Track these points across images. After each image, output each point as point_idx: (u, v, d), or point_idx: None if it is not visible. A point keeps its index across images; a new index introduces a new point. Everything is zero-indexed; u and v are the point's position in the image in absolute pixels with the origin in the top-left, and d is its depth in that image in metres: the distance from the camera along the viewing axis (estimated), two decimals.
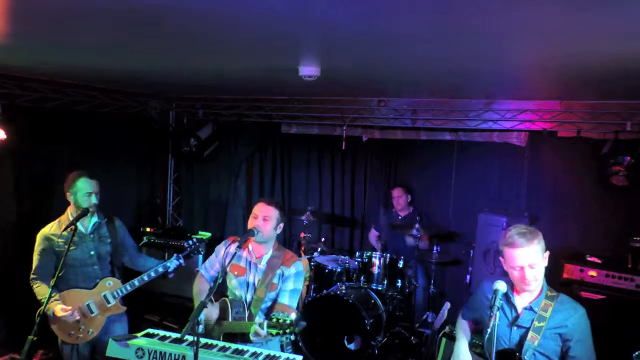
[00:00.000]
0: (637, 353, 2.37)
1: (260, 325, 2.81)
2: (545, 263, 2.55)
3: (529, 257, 2.49)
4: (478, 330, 2.95)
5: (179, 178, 7.00)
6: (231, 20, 2.31)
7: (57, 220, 3.63)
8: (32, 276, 3.57)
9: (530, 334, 2.54)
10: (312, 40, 2.77)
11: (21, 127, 4.56)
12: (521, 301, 2.64)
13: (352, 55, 3.10)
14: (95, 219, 3.69)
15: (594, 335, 2.61)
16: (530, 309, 2.59)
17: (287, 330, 2.74)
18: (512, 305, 2.64)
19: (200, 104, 6.35)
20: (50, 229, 3.58)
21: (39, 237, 3.58)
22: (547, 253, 2.56)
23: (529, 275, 2.50)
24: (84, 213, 3.49)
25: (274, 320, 2.77)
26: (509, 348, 2.60)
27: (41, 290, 3.50)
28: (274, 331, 2.76)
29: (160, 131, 6.60)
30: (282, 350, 3.17)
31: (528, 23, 2.15)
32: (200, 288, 3.32)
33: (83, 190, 3.54)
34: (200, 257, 5.40)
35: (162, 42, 2.89)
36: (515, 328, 2.61)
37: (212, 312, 3.15)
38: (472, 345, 2.96)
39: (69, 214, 3.61)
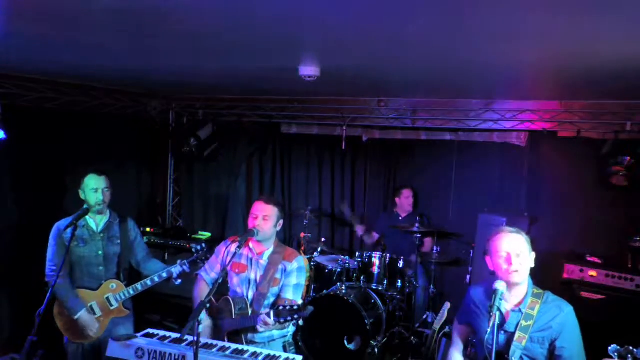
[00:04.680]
0: (612, 347, 2.33)
1: (267, 314, 2.81)
2: (532, 264, 2.54)
3: (516, 244, 2.51)
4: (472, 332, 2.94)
5: (179, 178, 6.99)
6: (231, 20, 2.31)
7: (72, 216, 3.62)
8: (51, 267, 3.54)
9: (517, 334, 2.50)
10: (312, 41, 2.77)
11: (21, 127, 4.56)
12: (507, 305, 2.59)
13: (352, 55, 3.10)
14: (107, 218, 3.69)
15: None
16: (519, 310, 2.55)
17: (295, 316, 2.74)
18: (499, 310, 2.55)
19: (200, 104, 6.35)
20: (65, 223, 3.55)
21: (54, 228, 3.59)
22: (534, 255, 2.55)
23: (515, 261, 2.48)
24: (84, 212, 3.49)
25: (281, 308, 2.78)
26: (497, 351, 2.54)
27: (61, 288, 3.43)
28: (281, 319, 2.76)
29: (160, 131, 6.60)
30: (285, 351, 3.17)
31: (528, 24, 2.15)
32: (201, 291, 3.31)
33: (89, 186, 3.58)
34: None
35: (162, 42, 2.89)
36: (502, 332, 2.56)
37: (207, 329, 3.15)
38: (468, 345, 2.95)
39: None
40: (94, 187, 3.57)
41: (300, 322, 2.80)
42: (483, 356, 2.62)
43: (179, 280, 3.63)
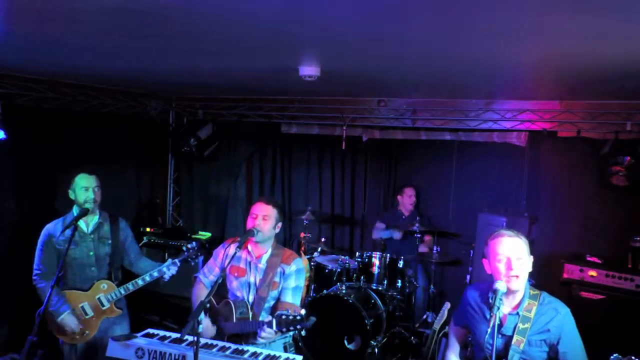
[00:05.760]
0: (614, 356, 2.31)
1: (269, 323, 2.81)
2: (530, 268, 2.50)
3: (515, 247, 2.46)
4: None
5: (179, 178, 7.00)
6: (231, 20, 2.31)
7: (61, 218, 3.65)
8: (35, 272, 3.57)
9: (515, 337, 2.47)
10: (312, 41, 2.77)
11: (21, 127, 4.56)
12: (505, 309, 2.55)
13: (352, 55, 3.10)
14: (96, 218, 3.69)
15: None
16: (516, 314, 2.51)
17: (298, 326, 2.74)
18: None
19: (200, 104, 6.36)
20: (55, 225, 3.60)
21: (43, 232, 3.60)
22: (532, 258, 2.51)
23: (515, 265, 2.43)
24: (83, 213, 3.49)
25: (283, 317, 2.77)
26: (495, 355, 2.50)
27: (45, 290, 3.42)
28: (283, 329, 2.76)
29: (160, 131, 6.60)
30: (286, 351, 3.17)
31: (528, 24, 2.15)
32: (200, 294, 3.29)
33: (80, 185, 3.58)
34: (201, 259, 5.40)
35: (162, 42, 2.89)
36: (499, 336, 2.52)
37: (208, 330, 3.12)
38: (467, 346, 2.95)
39: (74, 212, 3.63)
40: (85, 186, 3.57)
41: (303, 333, 2.77)
42: (482, 358, 2.61)
43: (167, 278, 3.61)
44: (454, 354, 2.88)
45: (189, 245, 3.61)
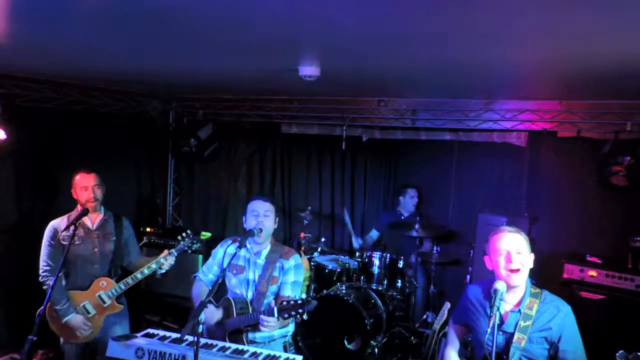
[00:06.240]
0: (620, 352, 2.32)
1: (270, 311, 2.81)
2: (531, 265, 2.52)
3: (515, 242, 2.49)
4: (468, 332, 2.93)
5: (179, 178, 7.00)
6: (231, 20, 2.31)
7: (66, 215, 3.67)
8: (44, 268, 3.56)
9: (517, 335, 2.49)
10: (312, 41, 2.77)
11: (21, 127, 4.56)
12: (506, 306, 2.57)
13: (352, 55, 3.10)
14: (101, 215, 3.71)
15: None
16: (517, 311, 2.53)
17: (299, 310, 2.74)
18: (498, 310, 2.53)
19: (200, 104, 6.35)
20: (60, 222, 3.62)
21: (48, 227, 3.62)
22: (533, 255, 2.54)
23: (515, 259, 2.46)
24: (83, 213, 3.52)
25: (284, 303, 2.78)
26: (496, 352, 2.51)
27: (55, 291, 3.31)
28: (285, 314, 2.76)
29: (160, 131, 6.60)
30: (285, 351, 3.17)
31: (528, 23, 2.15)
32: (200, 292, 3.31)
33: (79, 185, 3.61)
34: (201, 258, 5.41)
35: (163, 43, 2.89)
36: (500, 333, 2.54)
37: (213, 314, 3.14)
38: (467, 345, 2.95)
39: (78, 210, 3.65)
40: (84, 185, 3.61)
41: (305, 317, 2.77)
42: (482, 356, 2.62)
43: (167, 267, 3.62)
44: (453, 350, 2.88)
45: (183, 234, 3.64)
